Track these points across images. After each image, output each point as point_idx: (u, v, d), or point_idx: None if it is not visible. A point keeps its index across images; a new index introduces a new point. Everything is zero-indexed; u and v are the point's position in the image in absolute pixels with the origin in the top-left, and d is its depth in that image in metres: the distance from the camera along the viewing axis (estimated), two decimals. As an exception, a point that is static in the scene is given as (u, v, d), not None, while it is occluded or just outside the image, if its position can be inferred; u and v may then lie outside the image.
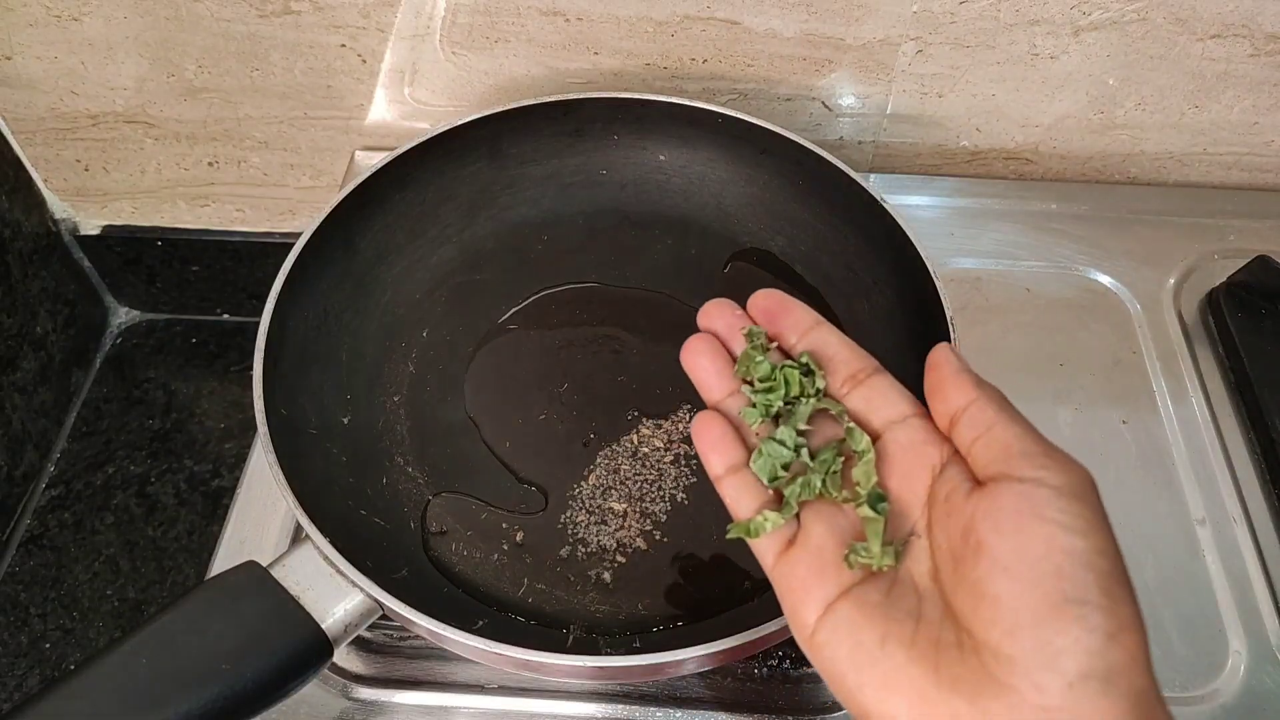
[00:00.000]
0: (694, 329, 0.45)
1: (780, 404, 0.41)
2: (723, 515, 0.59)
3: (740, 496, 0.40)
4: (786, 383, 0.41)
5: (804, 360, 0.41)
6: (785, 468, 0.40)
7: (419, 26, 0.76)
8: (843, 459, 0.39)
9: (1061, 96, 0.79)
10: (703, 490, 0.61)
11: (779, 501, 0.40)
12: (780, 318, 0.43)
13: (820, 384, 0.41)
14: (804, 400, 0.41)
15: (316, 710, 0.56)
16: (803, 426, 0.40)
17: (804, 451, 0.40)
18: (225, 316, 1.09)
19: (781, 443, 0.40)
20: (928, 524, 0.36)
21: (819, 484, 0.39)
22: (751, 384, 0.42)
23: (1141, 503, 0.65)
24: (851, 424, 0.39)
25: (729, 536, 0.40)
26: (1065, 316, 0.75)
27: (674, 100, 0.68)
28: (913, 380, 0.60)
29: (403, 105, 0.83)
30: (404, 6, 0.75)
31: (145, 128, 0.87)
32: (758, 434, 0.41)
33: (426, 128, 0.66)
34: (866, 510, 0.37)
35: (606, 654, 0.51)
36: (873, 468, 0.38)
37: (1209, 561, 0.62)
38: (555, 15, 0.74)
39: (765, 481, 0.40)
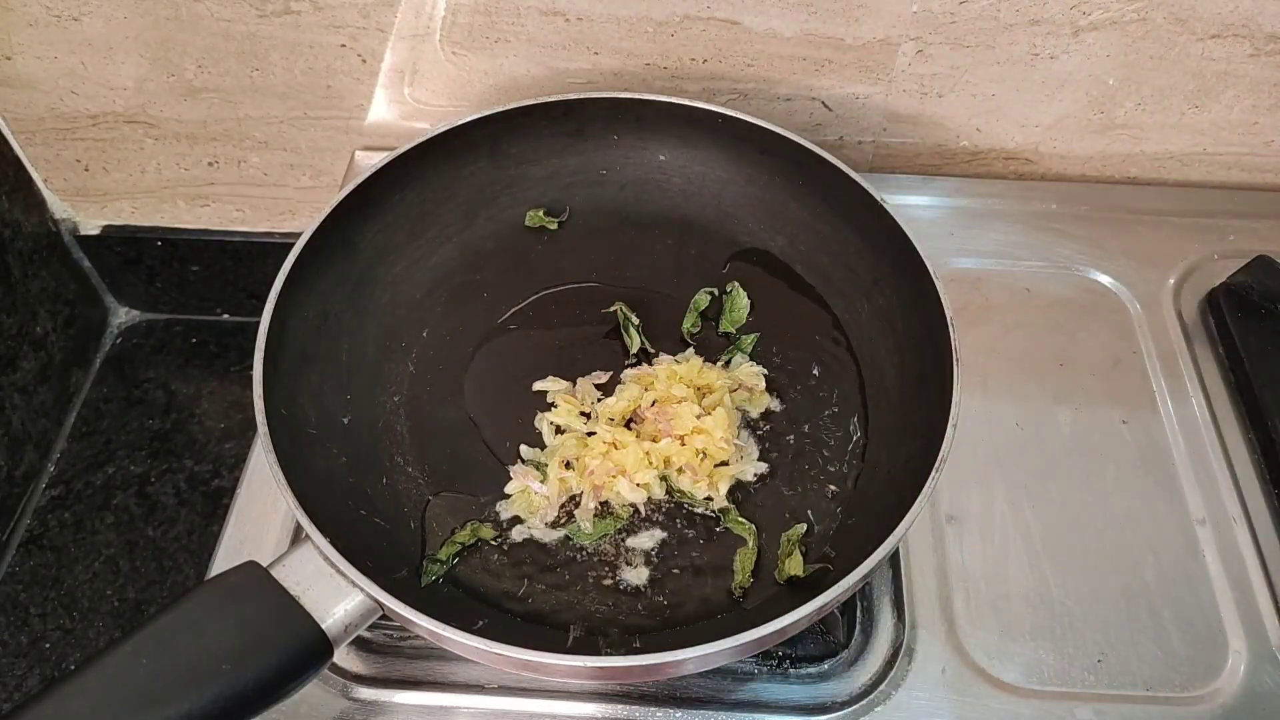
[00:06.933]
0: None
1: None
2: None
3: None
4: None
5: None
6: None
7: (419, 26, 0.76)
8: None
9: (1061, 96, 0.79)
10: (703, 490, 0.61)
11: None
12: None
13: None
14: None
15: (316, 710, 0.56)
16: None
17: None
18: (225, 316, 1.09)
19: None
20: None
21: None
22: None
23: (1141, 503, 0.65)
24: None
25: None
26: (1065, 316, 0.75)
27: (674, 100, 0.68)
28: (913, 380, 0.61)
29: (403, 105, 0.83)
30: (404, 6, 0.75)
31: (145, 128, 0.87)
32: None
33: (426, 128, 0.66)
34: None
35: (606, 654, 0.51)
36: None
37: (1209, 561, 0.62)
38: (555, 15, 0.74)
39: None
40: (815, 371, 0.66)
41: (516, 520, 0.60)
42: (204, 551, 0.92)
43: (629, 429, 0.62)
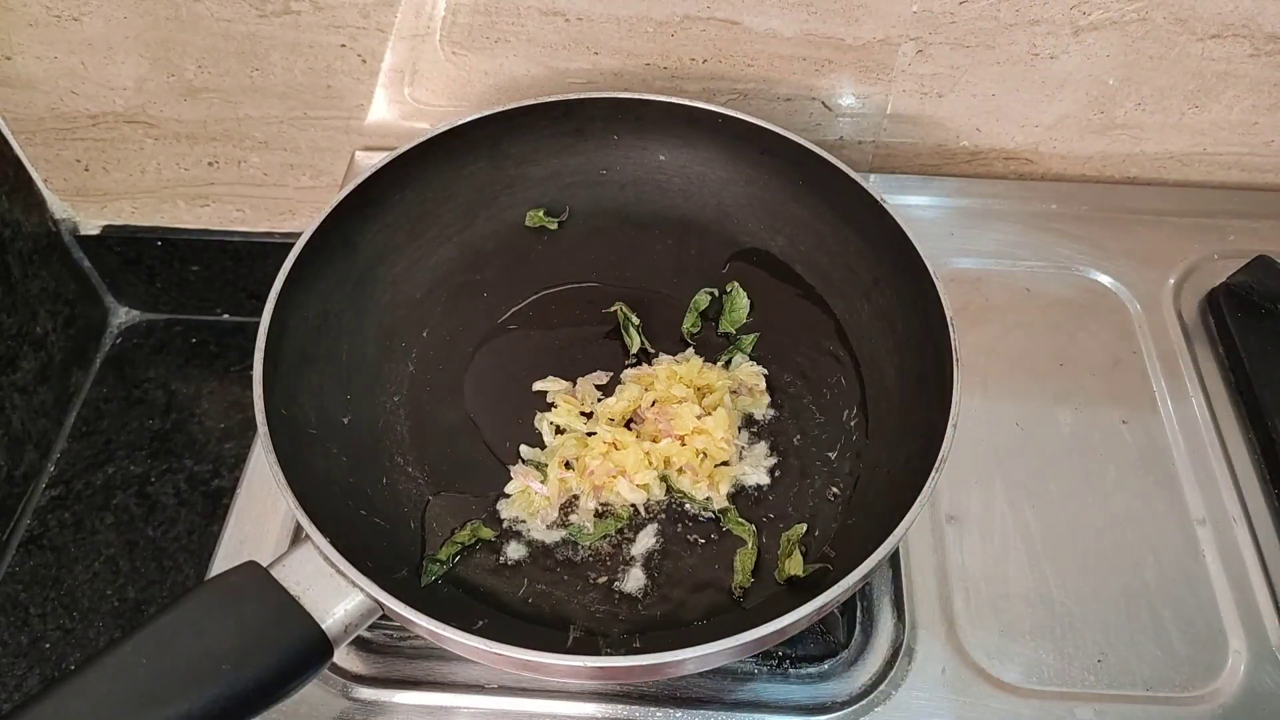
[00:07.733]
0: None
1: None
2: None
3: None
4: None
5: None
6: None
7: (419, 26, 0.76)
8: None
9: (1061, 96, 0.79)
10: (703, 490, 0.61)
11: None
12: None
13: None
14: None
15: (316, 710, 0.56)
16: None
17: None
18: (225, 316, 1.09)
19: None
20: None
21: None
22: None
23: (1141, 503, 0.65)
24: None
25: None
26: (1065, 316, 0.75)
27: (674, 100, 0.68)
28: (913, 380, 0.61)
29: (403, 105, 0.83)
30: (404, 6, 0.75)
31: (145, 128, 0.87)
32: None
33: (426, 128, 0.66)
34: None
35: (606, 654, 0.51)
36: None
37: (1209, 561, 0.62)
38: (555, 15, 0.74)
39: None
40: (815, 372, 0.66)
41: (517, 520, 0.60)
42: (204, 551, 0.92)
43: (629, 429, 0.62)
